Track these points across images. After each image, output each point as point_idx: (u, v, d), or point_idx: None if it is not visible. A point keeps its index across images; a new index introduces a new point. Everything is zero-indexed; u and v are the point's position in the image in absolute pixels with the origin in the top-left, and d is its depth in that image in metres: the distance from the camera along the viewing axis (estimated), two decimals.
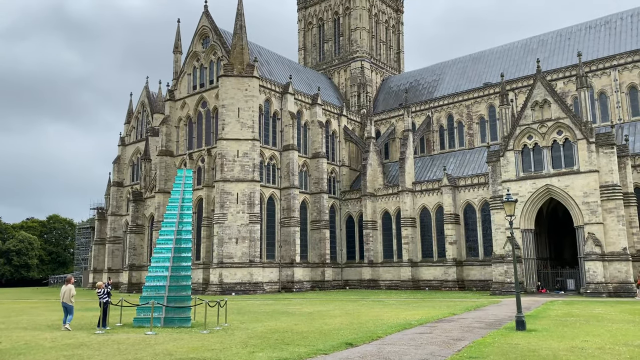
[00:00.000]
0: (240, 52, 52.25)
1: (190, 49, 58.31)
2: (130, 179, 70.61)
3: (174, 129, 58.40)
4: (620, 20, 55.46)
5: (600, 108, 51.92)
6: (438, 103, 63.27)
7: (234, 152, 50.05)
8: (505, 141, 43.43)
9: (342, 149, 64.89)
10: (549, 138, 41.41)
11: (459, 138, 61.31)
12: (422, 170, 60.35)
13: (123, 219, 68.54)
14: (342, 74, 74.23)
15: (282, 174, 56.02)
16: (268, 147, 55.21)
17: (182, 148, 57.77)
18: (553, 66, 55.22)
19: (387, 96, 71.96)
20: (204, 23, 57.43)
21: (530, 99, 42.54)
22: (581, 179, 39.42)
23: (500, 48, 64.35)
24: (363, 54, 72.52)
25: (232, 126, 50.31)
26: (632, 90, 50.75)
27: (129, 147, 71.96)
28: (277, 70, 62.09)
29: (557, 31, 60.17)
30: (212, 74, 56.15)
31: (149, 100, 70.70)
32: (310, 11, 78.88)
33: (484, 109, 59.62)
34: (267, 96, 55.73)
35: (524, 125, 42.51)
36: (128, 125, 73.10)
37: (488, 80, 60.37)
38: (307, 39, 79.31)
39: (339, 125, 64.91)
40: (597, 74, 52.16)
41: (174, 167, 57.11)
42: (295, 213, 54.69)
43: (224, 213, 49.05)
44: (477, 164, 56.11)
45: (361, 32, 72.80)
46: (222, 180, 49.52)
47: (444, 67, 68.38)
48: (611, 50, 52.93)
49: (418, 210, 55.75)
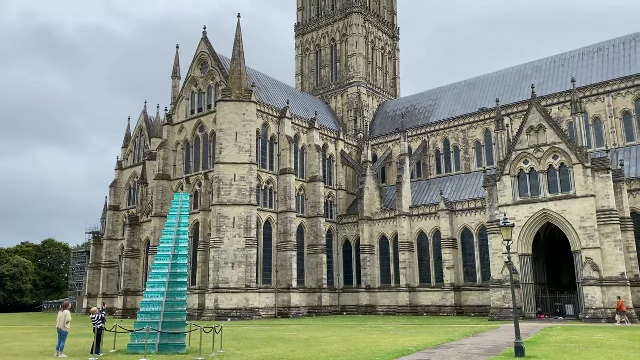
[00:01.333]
0: (239, 77, 52.77)
1: (188, 75, 58.87)
2: (127, 203, 70.39)
3: (171, 153, 58.53)
4: (612, 47, 56.40)
5: (595, 133, 52.37)
6: (434, 128, 63.74)
7: (231, 175, 50.09)
8: (502, 166, 43.63)
9: (339, 173, 65.04)
10: (545, 163, 41.62)
11: (456, 162, 61.57)
12: (419, 195, 60.42)
13: (119, 244, 68.08)
14: (339, 99, 74.89)
15: (279, 198, 55.98)
16: (265, 170, 55.30)
17: (180, 172, 57.81)
18: (548, 92, 55.87)
19: (384, 121, 72.49)
20: (203, 49, 58.12)
21: (526, 124, 42.90)
22: (578, 203, 39.49)
23: (495, 74, 65.18)
24: (360, 80, 73.32)
25: (229, 150, 50.47)
26: (626, 116, 51.29)
27: (126, 171, 71.96)
28: (275, 95, 62.63)
29: (551, 58, 61.08)
30: (211, 98, 56.59)
31: (147, 125, 71.01)
32: (308, 38, 80.00)
33: (479, 133, 60.05)
34: (265, 120, 56.08)
35: (519, 150, 42.77)
36: (126, 150, 73.24)
37: (483, 106, 60.98)
38: (304, 64, 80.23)
39: (336, 150, 65.20)
40: (591, 99, 52.77)
41: (171, 191, 57.04)
42: (292, 237, 54.45)
43: (220, 237, 48.81)
44: (474, 188, 56.23)
45: (358, 58, 73.74)
46: (219, 204, 49.42)
47: (439, 93, 69.10)
48: (604, 77, 53.66)
49: (415, 234, 55.60)
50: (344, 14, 75.74)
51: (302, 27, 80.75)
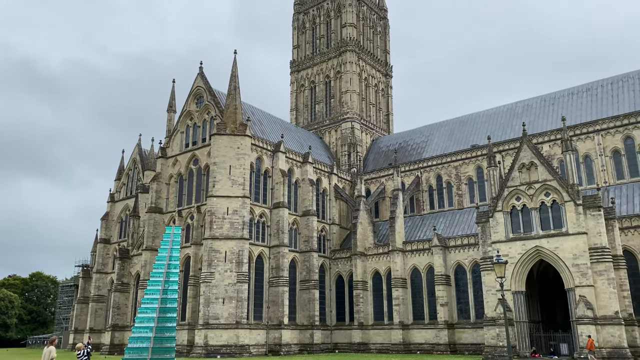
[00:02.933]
0: (234, 111, 53.27)
1: (184, 108, 59.36)
2: (118, 236, 69.67)
3: (164, 186, 58.39)
4: (600, 87, 57.66)
5: (585, 171, 52.93)
6: (427, 163, 64.22)
7: (223, 209, 49.90)
8: (494, 202, 43.83)
9: (332, 207, 65.00)
10: (537, 200, 41.88)
11: (448, 198, 61.80)
12: (413, 230, 60.33)
13: (108, 277, 67.02)
14: (333, 134, 75.58)
15: (271, 232, 55.67)
16: (258, 204, 55.18)
17: (172, 205, 57.55)
18: (538, 130, 56.71)
19: (377, 156, 73.03)
20: (199, 84, 58.81)
21: (517, 161, 43.36)
22: (570, 240, 39.55)
23: (486, 112, 66.23)
24: (353, 115, 74.22)
25: (222, 183, 50.45)
26: (616, 154, 51.99)
27: (118, 203, 71.52)
28: (269, 130, 63.13)
29: (541, 96, 62.27)
30: (205, 132, 56.91)
31: (140, 158, 71.03)
32: (303, 74, 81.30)
33: (472, 170, 60.52)
34: (259, 154, 56.33)
35: (511, 187, 43.07)
36: (118, 182, 72.97)
37: (475, 143, 61.67)
38: (299, 100, 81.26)
39: (329, 184, 65.34)
40: (581, 137, 53.57)
41: (163, 224, 56.62)
42: (284, 272, 53.90)
43: (211, 272, 48.24)
44: (466, 224, 56.27)
45: (352, 94, 74.84)
46: (211, 237, 49.05)
47: (431, 129, 69.94)
48: (594, 116, 54.67)
49: (409, 270, 55.23)
50: (338, 52, 77.26)
51: (297, 64, 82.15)
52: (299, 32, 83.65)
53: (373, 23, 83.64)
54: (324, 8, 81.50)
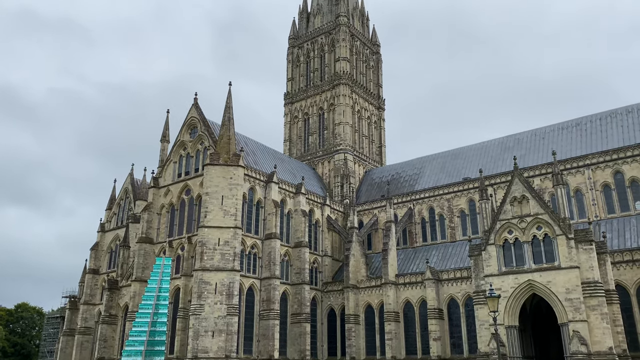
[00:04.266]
0: (227, 141, 53.45)
1: (177, 138, 59.49)
2: (107, 267, 68.62)
3: (155, 216, 57.95)
4: (590, 122, 58.63)
5: (577, 205, 53.26)
6: (419, 196, 64.38)
7: (215, 240, 49.47)
8: (486, 235, 43.85)
9: (325, 238, 64.66)
10: (529, 233, 41.96)
11: (441, 231, 61.76)
12: (405, 263, 60.00)
13: (96, 309, 65.66)
14: (326, 165, 75.87)
15: (263, 264, 55.13)
16: (250, 235, 54.80)
17: (163, 235, 57.00)
18: (529, 163, 57.24)
19: (370, 187, 73.20)
20: (193, 114, 59.13)
21: (509, 194, 43.61)
22: (563, 274, 39.48)
23: (478, 145, 66.92)
24: (346, 147, 74.71)
25: (214, 214, 50.17)
26: (606, 189, 52.44)
27: (109, 233, 70.71)
28: (262, 160, 63.28)
29: (532, 131, 63.12)
30: (198, 162, 56.92)
31: (132, 187, 70.70)
32: (297, 106, 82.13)
33: (464, 202, 60.71)
34: (252, 185, 56.29)
35: (504, 220, 43.18)
36: (109, 212, 72.36)
37: (467, 176, 62.07)
38: (292, 131, 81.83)
39: (322, 215, 65.17)
40: (571, 172, 54.10)
41: (153, 255, 55.93)
42: (275, 305, 53.13)
43: (201, 304, 47.44)
44: (459, 257, 56.08)
45: (345, 126, 75.51)
46: (201, 269, 48.44)
47: (424, 162, 70.42)
48: (584, 150, 55.38)
49: (401, 304, 54.65)
50: (331, 85, 78.31)
51: (291, 96, 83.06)
52: (293, 65, 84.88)
53: (366, 57, 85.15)
54: (318, 42, 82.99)
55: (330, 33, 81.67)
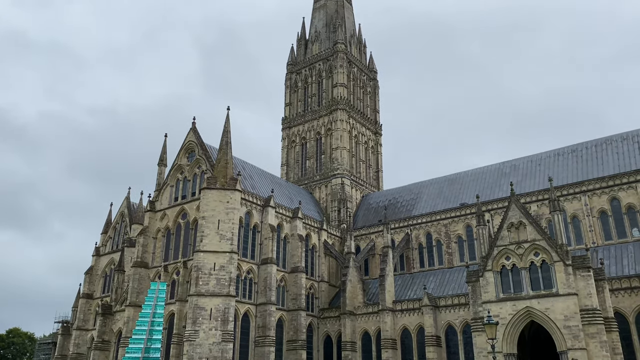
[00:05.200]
0: (225, 165, 53.50)
1: (175, 162, 59.51)
2: (101, 291, 67.82)
3: (151, 240, 57.55)
4: (585, 149, 59.00)
5: (574, 231, 53.19)
6: (416, 221, 64.26)
7: (210, 264, 49.05)
8: (484, 261, 43.64)
9: (321, 263, 64.21)
10: (527, 259, 41.80)
11: (438, 256, 61.47)
12: (403, 289, 59.50)
13: (89, 334, 64.64)
14: (323, 190, 75.86)
15: (259, 289, 54.57)
16: (246, 260, 54.39)
17: (158, 260, 56.51)
18: (526, 190, 57.35)
19: (367, 212, 73.08)
20: (191, 138, 59.30)
21: (506, 220, 43.58)
22: (561, 301, 39.18)
23: (475, 171, 67.13)
24: (343, 172, 74.86)
25: (210, 238, 49.86)
26: (603, 215, 52.46)
27: (104, 257, 70.11)
28: (259, 184, 63.26)
29: (528, 157, 63.44)
30: (195, 186, 56.85)
31: (128, 211, 70.41)
32: (294, 131, 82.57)
33: (461, 228, 60.58)
34: (248, 209, 56.14)
35: (501, 246, 43.05)
36: (105, 235, 71.89)
37: (464, 201, 62.10)
38: (290, 155, 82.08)
39: (319, 240, 64.86)
40: (568, 198, 54.19)
41: (148, 280, 55.33)
42: (270, 332, 52.42)
43: (195, 330, 46.76)
44: (457, 283, 55.68)
45: (342, 151, 75.81)
46: (196, 294, 47.89)
47: (421, 187, 70.50)
48: (580, 177, 55.60)
49: (399, 330, 54.01)
50: (329, 110, 78.90)
51: (288, 121, 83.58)
52: (291, 90, 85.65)
53: (363, 83, 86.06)
54: (316, 69, 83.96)
55: (328, 59, 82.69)
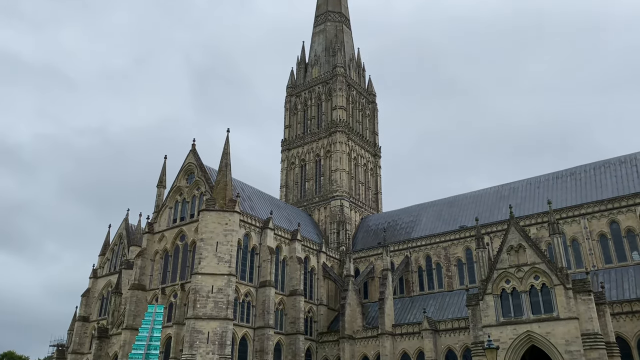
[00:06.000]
0: (224, 187, 53.51)
1: (174, 184, 59.53)
2: (98, 314, 67.11)
3: (149, 262, 57.21)
4: (584, 172, 59.14)
5: (573, 254, 52.96)
6: (416, 243, 64.00)
7: (208, 287, 48.66)
8: (484, 285, 43.35)
9: (320, 286, 63.70)
10: (527, 283, 41.53)
11: (438, 279, 61.07)
12: (402, 312, 58.95)
13: (85, 358, 63.72)
14: (322, 211, 75.76)
15: (257, 312, 54.04)
16: (244, 282, 53.99)
17: (156, 282, 56.09)
18: (525, 212, 57.29)
19: (366, 234, 72.84)
20: (190, 160, 59.44)
21: (506, 243, 43.43)
22: (562, 326, 38.80)
23: (474, 193, 67.16)
24: (343, 194, 74.87)
25: (208, 260, 49.57)
26: (603, 238, 52.31)
27: (101, 279, 69.57)
28: (258, 206, 63.17)
29: (526, 180, 63.53)
30: (194, 208, 56.77)
31: (127, 233, 70.14)
32: (293, 152, 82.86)
33: (461, 251, 60.33)
34: (247, 231, 55.95)
35: (501, 269, 42.82)
36: (102, 257, 71.45)
37: (464, 224, 61.97)
38: (289, 177, 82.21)
39: (317, 262, 64.49)
40: (567, 221, 54.09)
41: (145, 302, 54.81)
42: (268, 356, 51.73)
43: (192, 354, 46.14)
44: (457, 307, 55.20)
45: (341, 173, 75.97)
46: (194, 317, 47.40)
47: (420, 209, 70.42)
48: (579, 200, 55.60)
49: (398, 355, 53.33)
50: (328, 132, 79.31)
51: (288, 143, 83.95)
52: (291, 113, 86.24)
53: (362, 106, 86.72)
54: (315, 92, 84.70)
55: (328, 83, 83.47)
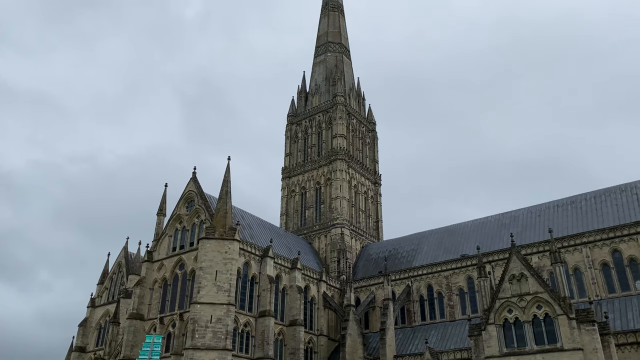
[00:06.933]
0: (224, 215, 53.38)
1: (174, 212, 59.44)
2: (95, 344, 66.16)
3: (147, 291, 56.64)
4: (584, 200, 59.04)
5: (576, 283, 52.40)
6: (417, 272, 63.45)
7: (207, 317, 48.07)
8: (486, 314, 42.78)
9: (321, 316, 62.90)
10: (529, 312, 40.99)
11: (440, 309, 60.32)
12: (404, 343, 58.03)
13: None
14: (323, 240, 75.39)
15: (256, 343, 53.23)
16: (243, 312, 53.34)
17: (154, 311, 55.42)
18: (526, 241, 56.95)
19: (367, 263, 72.29)
20: (191, 188, 59.49)
21: (507, 272, 43.05)
22: (566, 357, 38.11)
23: (474, 222, 66.92)
24: (343, 221, 74.63)
25: (208, 289, 49.10)
26: (605, 267, 51.85)
27: (99, 309, 68.81)
28: (258, 234, 62.91)
29: (527, 208, 63.38)
30: (194, 236, 56.53)
31: (126, 261, 69.72)
32: (294, 180, 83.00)
33: (462, 280, 59.77)
34: (247, 259, 55.58)
35: (503, 299, 42.32)
36: (101, 286, 70.84)
37: (465, 252, 61.56)
38: (289, 205, 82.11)
39: (318, 291, 63.82)
40: (569, 250, 53.72)
41: (143, 332, 54.05)
42: None
43: None
44: (459, 337, 54.36)
45: (341, 200, 75.90)
46: (192, 347, 46.66)
47: (421, 238, 70.07)
48: (580, 228, 55.34)
49: None
50: (328, 160, 79.61)
51: (288, 171, 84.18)
52: (291, 141, 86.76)
53: (362, 134, 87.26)
54: (316, 120, 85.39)
55: (328, 111, 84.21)
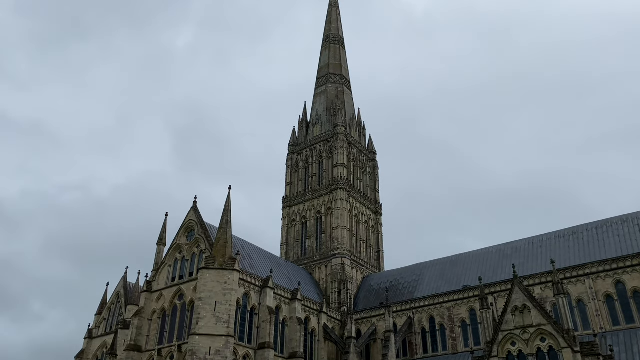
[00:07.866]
0: (224, 245, 53.12)
1: (174, 241, 59.17)
2: None
3: (146, 322, 55.91)
4: (586, 231, 58.76)
5: (580, 315, 51.66)
6: (419, 304, 62.72)
7: (206, 349, 47.30)
8: (489, 347, 42.13)
9: (321, 349, 61.86)
10: (533, 345, 40.38)
11: (442, 341, 59.40)
12: None
13: None
14: (323, 270, 74.78)
15: None
16: (243, 344, 52.50)
17: (152, 343, 54.59)
18: (528, 272, 56.44)
19: (368, 294, 71.55)
20: (191, 217, 59.38)
21: (510, 303, 42.58)
22: None
23: (476, 252, 66.50)
24: (344, 251, 74.17)
25: (207, 320, 48.48)
26: (609, 299, 51.21)
27: (96, 340, 67.78)
28: (258, 264, 62.47)
29: (529, 239, 63.05)
30: (193, 266, 56.13)
31: (125, 291, 69.05)
32: (294, 209, 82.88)
33: (464, 312, 59.02)
34: (246, 290, 55.05)
35: (506, 331, 41.75)
36: (99, 317, 69.98)
37: (467, 283, 60.96)
38: (290, 234, 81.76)
39: (318, 323, 62.95)
40: (572, 281, 53.19)
41: None
42: None
43: None
44: None
45: (342, 230, 75.60)
46: None
47: (422, 268, 69.52)
48: (582, 259, 54.89)
49: None
50: (329, 189, 79.65)
51: (289, 200, 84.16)
52: (292, 170, 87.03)
53: (363, 164, 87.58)
54: (317, 149, 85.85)
55: (329, 141, 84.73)
